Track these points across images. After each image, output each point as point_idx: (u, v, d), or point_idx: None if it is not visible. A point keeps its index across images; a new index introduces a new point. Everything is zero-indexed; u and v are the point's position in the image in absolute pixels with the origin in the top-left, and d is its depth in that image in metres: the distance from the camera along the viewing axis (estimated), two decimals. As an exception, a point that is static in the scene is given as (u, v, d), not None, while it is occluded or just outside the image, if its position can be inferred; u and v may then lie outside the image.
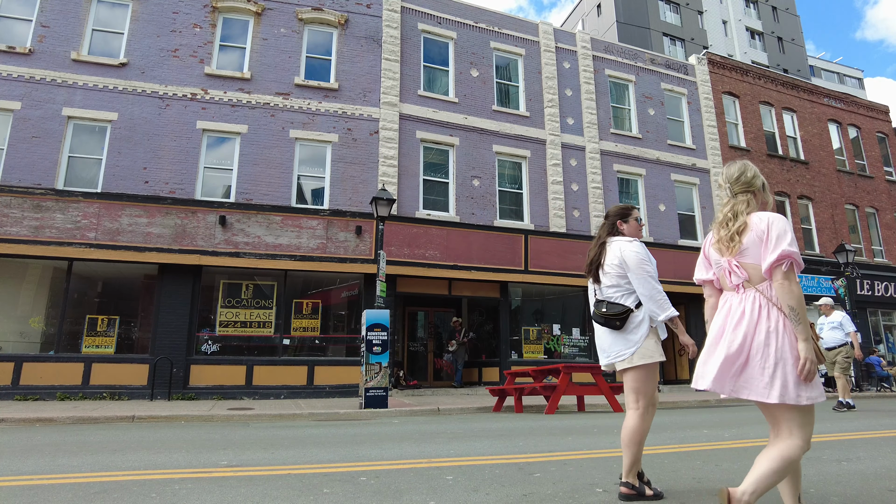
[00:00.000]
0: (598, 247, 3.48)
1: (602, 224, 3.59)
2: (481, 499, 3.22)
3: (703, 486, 3.52)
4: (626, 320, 3.26)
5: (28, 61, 12.87)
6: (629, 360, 3.25)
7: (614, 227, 3.51)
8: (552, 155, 16.82)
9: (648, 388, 3.24)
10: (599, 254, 3.45)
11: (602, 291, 3.40)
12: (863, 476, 3.83)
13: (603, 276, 3.39)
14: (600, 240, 3.51)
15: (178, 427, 7.66)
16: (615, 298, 3.33)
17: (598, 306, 3.37)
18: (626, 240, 3.42)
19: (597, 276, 3.43)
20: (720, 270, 2.60)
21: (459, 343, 15.22)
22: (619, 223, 3.50)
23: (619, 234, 3.49)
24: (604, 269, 3.39)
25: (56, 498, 3.27)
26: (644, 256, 3.32)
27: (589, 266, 3.50)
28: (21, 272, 12.38)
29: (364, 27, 15.53)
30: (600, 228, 3.59)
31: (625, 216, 3.52)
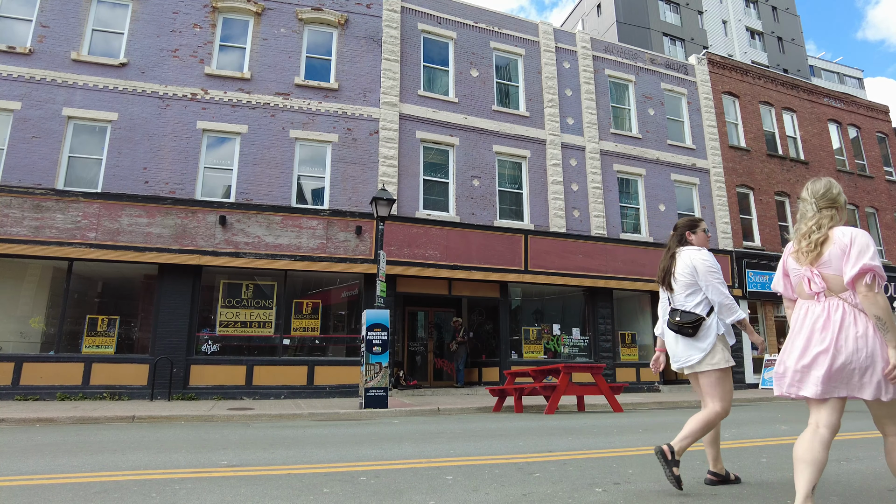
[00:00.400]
0: (669, 257, 3.73)
1: (671, 235, 3.85)
2: (481, 498, 3.22)
3: (703, 487, 3.53)
4: (698, 328, 3.48)
5: (28, 61, 12.87)
6: (699, 365, 3.48)
7: (683, 237, 3.76)
8: (552, 155, 16.82)
9: (721, 391, 3.44)
10: (671, 264, 3.69)
11: (674, 299, 3.64)
12: (862, 476, 3.83)
13: (675, 285, 3.63)
14: (671, 250, 3.76)
15: (178, 427, 7.66)
16: (689, 306, 3.56)
17: (672, 315, 3.58)
18: (694, 249, 3.66)
19: (669, 285, 3.67)
20: (798, 278, 2.75)
21: (459, 342, 15.23)
22: (688, 234, 3.75)
23: (688, 245, 3.72)
24: (675, 277, 3.63)
25: (56, 498, 3.27)
26: (712, 264, 3.56)
27: (661, 275, 3.75)
28: (21, 272, 12.39)
29: (364, 27, 15.53)
30: (669, 240, 3.84)
31: (693, 227, 3.78)
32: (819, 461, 2.48)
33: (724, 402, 3.41)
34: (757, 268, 18.91)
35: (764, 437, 6.13)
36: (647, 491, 3.39)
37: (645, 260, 16.94)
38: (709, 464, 3.58)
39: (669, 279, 3.65)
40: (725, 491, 3.40)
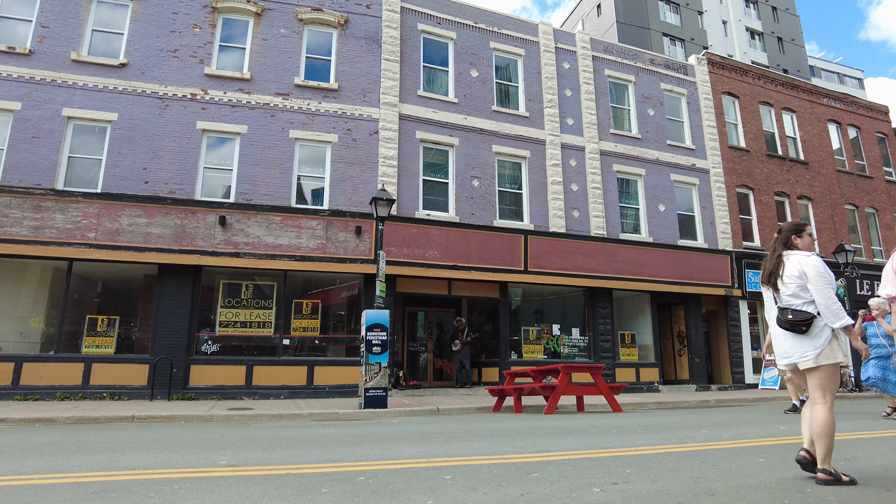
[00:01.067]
0: (776, 259, 3.86)
1: (775, 238, 3.99)
2: (479, 498, 3.23)
3: (701, 486, 3.54)
4: (810, 325, 3.64)
5: (28, 62, 12.88)
6: (814, 361, 3.62)
7: (788, 241, 3.90)
8: (552, 155, 16.83)
9: (832, 385, 3.63)
10: (777, 265, 3.83)
11: (782, 300, 3.79)
12: (860, 476, 3.84)
13: (782, 286, 3.78)
14: (776, 252, 3.89)
15: (177, 427, 7.67)
16: (796, 306, 3.69)
17: (784, 313, 3.73)
18: (804, 254, 3.80)
19: (776, 285, 3.82)
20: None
21: (463, 343, 15.20)
22: (794, 238, 3.89)
23: (793, 248, 3.87)
24: (783, 279, 3.78)
25: (55, 497, 3.28)
26: (822, 269, 3.69)
27: (767, 276, 3.89)
28: (21, 272, 12.40)
29: (364, 27, 15.54)
30: (774, 242, 3.97)
31: (799, 232, 3.92)
32: None
33: (833, 393, 3.63)
34: (757, 268, 18.91)
35: (762, 437, 6.14)
36: (644, 491, 3.40)
37: (645, 260, 16.95)
38: (804, 443, 3.78)
39: (776, 280, 3.82)
40: (723, 488, 3.41)
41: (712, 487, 3.50)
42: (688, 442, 5.69)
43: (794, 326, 3.66)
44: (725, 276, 18.25)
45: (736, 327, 18.30)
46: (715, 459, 4.55)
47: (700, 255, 18.03)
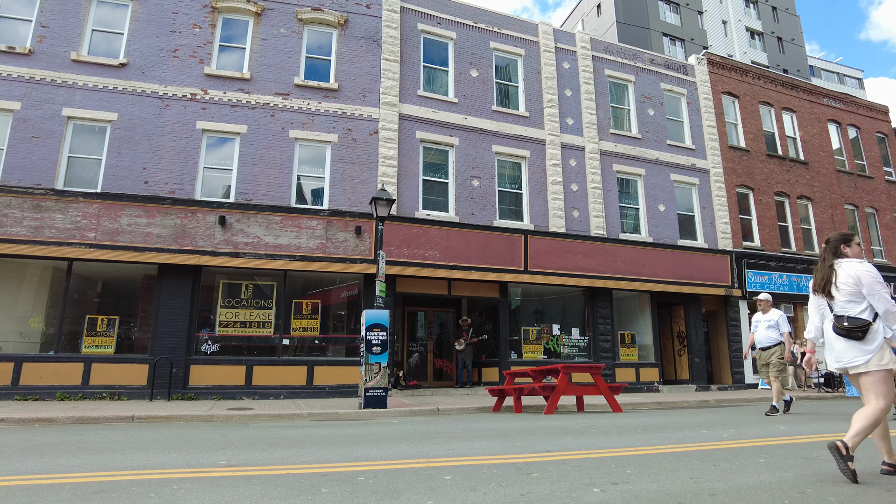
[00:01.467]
0: (828, 268, 4.00)
1: (824, 248, 4.14)
2: (479, 498, 3.23)
3: (701, 486, 3.53)
4: (866, 332, 3.75)
5: (28, 61, 12.88)
6: (865, 366, 3.75)
7: (837, 250, 4.04)
8: (552, 155, 16.83)
9: (885, 388, 3.73)
10: (830, 274, 3.97)
11: (836, 306, 3.91)
12: (860, 476, 3.83)
13: (836, 293, 3.90)
14: (827, 262, 4.03)
15: (177, 427, 7.67)
16: (853, 313, 3.82)
17: (840, 320, 3.85)
18: (857, 261, 3.94)
19: (829, 293, 3.95)
20: None
21: (468, 343, 15.17)
22: (843, 247, 4.03)
23: (843, 257, 4.00)
24: (836, 286, 3.90)
25: (55, 497, 3.28)
26: (876, 275, 3.83)
27: (821, 285, 4.02)
28: (21, 272, 12.39)
29: (364, 27, 15.54)
30: (823, 251, 4.12)
31: (848, 241, 4.06)
32: None
33: (888, 398, 3.70)
34: (756, 268, 18.92)
35: (763, 437, 6.13)
36: (645, 491, 3.39)
37: (645, 260, 16.95)
38: (883, 456, 3.90)
39: (830, 288, 3.94)
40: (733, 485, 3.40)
41: (712, 487, 3.49)
42: (688, 442, 5.69)
43: (850, 333, 3.78)
44: (725, 276, 18.25)
45: (736, 327, 18.30)
46: (715, 459, 4.55)
47: (700, 255, 18.03)
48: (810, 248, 20.74)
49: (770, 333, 9.46)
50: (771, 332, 9.44)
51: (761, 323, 9.59)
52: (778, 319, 9.42)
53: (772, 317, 9.51)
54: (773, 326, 9.43)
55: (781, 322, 9.39)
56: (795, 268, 19.75)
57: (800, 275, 19.69)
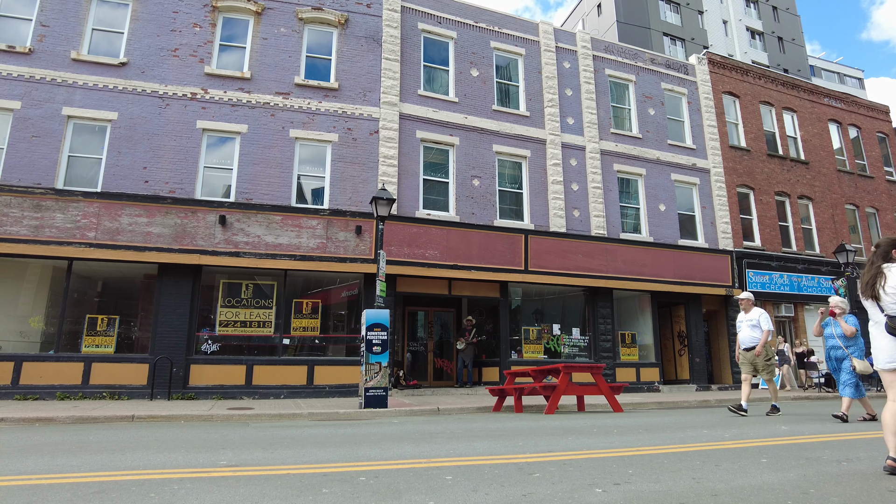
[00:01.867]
0: (875, 270, 4.14)
1: (874, 252, 4.28)
2: (480, 499, 3.21)
3: (703, 487, 3.52)
4: None
5: (28, 61, 12.87)
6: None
7: (888, 254, 4.18)
8: (552, 155, 16.81)
9: None
10: (877, 277, 4.11)
11: (887, 308, 4.05)
12: (863, 477, 3.82)
13: (884, 296, 4.05)
14: (875, 265, 4.18)
15: (177, 427, 7.66)
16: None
17: (893, 321, 4.00)
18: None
19: (876, 294, 4.09)
20: None
21: (469, 342, 15.15)
22: (894, 252, 4.17)
23: (892, 261, 4.15)
24: (885, 290, 4.05)
25: (55, 497, 3.27)
26: None
27: (869, 287, 4.15)
28: (21, 272, 12.38)
29: (364, 27, 15.52)
30: (872, 255, 4.26)
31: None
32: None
33: None
34: (757, 268, 18.90)
35: (764, 437, 6.12)
36: (647, 491, 3.38)
37: (645, 260, 16.93)
38: (889, 451, 3.94)
39: (877, 290, 4.08)
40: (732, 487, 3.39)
41: (715, 488, 3.48)
42: (689, 442, 5.67)
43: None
44: (726, 275, 18.23)
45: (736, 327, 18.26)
46: (717, 460, 4.53)
47: (700, 255, 18.01)
48: (811, 248, 20.72)
49: (753, 333, 9.15)
50: (754, 332, 9.14)
51: (744, 323, 9.30)
52: (759, 318, 9.11)
53: (753, 316, 9.21)
54: (756, 325, 9.13)
55: (763, 320, 9.07)
56: (796, 268, 19.73)
57: (800, 275, 19.68)
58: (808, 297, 19.73)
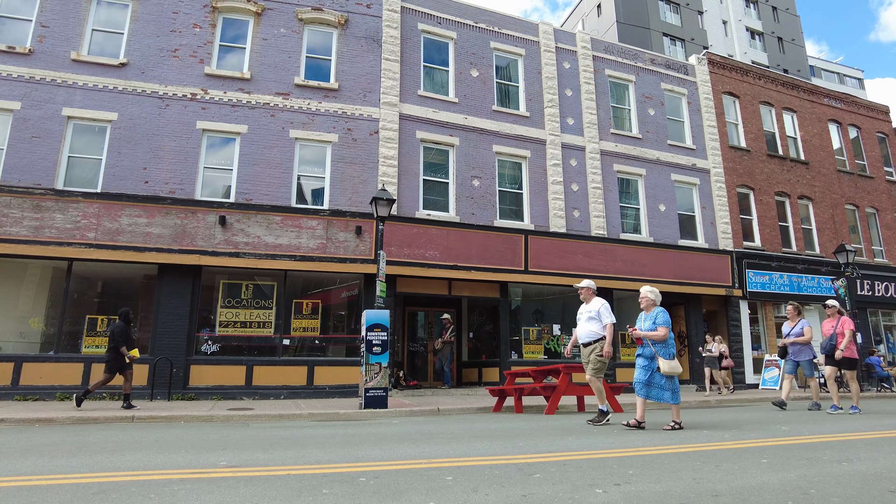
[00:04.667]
0: None
1: None
2: (481, 499, 3.21)
3: (703, 487, 3.51)
4: None
5: (28, 61, 12.87)
6: None
7: None
8: (552, 155, 16.81)
9: None
10: None
11: None
12: (863, 477, 3.82)
13: None
14: None
15: (177, 427, 7.65)
16: None
17: None
18: None
19: None
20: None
21: (445, 342, 15.09)
22: None
23: None
24: None
25: (54, 498, 3.26)
26: None
27: None
28: (21, 272, 12.38)
29: (364, 27, 15.53)
30: None
31: None
32: None
33: None
34: (757, 268, 18.90)
35: (764, 437, 6.11)
36: (647, 492, 3.38)
37: (645, 260, 16.93)
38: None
39: None
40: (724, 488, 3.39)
41: (715, 488, 3.48)
42: (689, 442, 5.67)
43: None
44: (726, 276, 18.23)
45: (736, 327, 18.28)
46: (717, 460, 4.53)
47: (700, 255, 18.01)
48: (811, 249, 20.72)
49: (591, 327, 7.88)
50: (592, 326, 7.88)
51: (583, 315, 8.07)
52: (600, 309, 7.89)
53: (593, 307, 7.98)
54: (595, 318, 7.90)
55: (603, 312, 7.83)
56: (796, 268, 19.73)
57: (800, 275, 19.68)
58: (808, 298, 19.72)
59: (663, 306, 8.73)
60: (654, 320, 7.00)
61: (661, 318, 6.99)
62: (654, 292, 7.24)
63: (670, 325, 7.03)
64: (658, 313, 7.08)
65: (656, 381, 6.92)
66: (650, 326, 7.01)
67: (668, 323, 6.98)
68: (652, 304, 7.25)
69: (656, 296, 7.24)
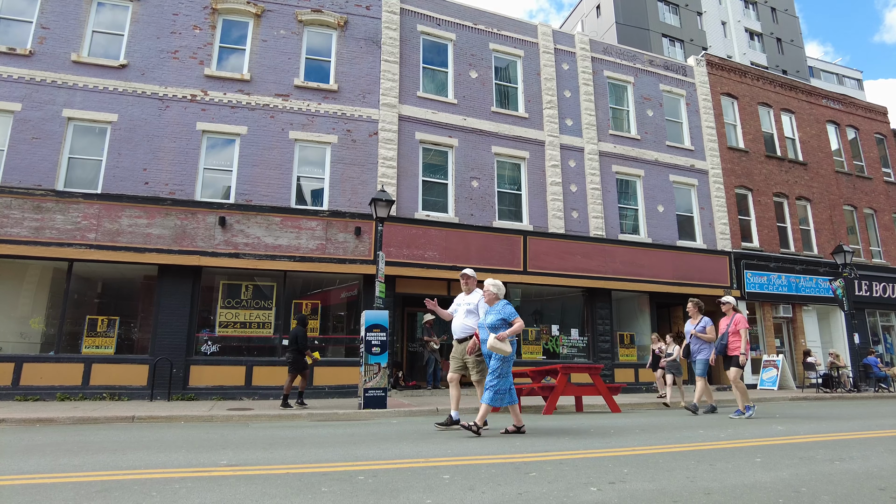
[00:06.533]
0: None
1: None
2: (477, 497, 3.26)
3: (697, 486, 3.57)
4: None
5: (28, 63, 12.91)
6: None
7: None
8: (551, 156, 16.86)
9: None
10: None
11: None
12: (854, 475, 3.87)
13: None
14: None
15: (177, 427, 7.70)
16: None
17: None
18: None
19: None
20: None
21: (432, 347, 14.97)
22: None
23: None
24: None
25: (58, 496, 3.31)
26: None
27: None
28: (21, 273, 12.42)
29: (363, 29, 15.58)
30: None
31: None
32: None
33: None
34: (755, 268, 18.95)
35: (759, 437, 6.17)
36: (641, 490, 3.43)
37: (644, 261, 16.98)
38: None
39: None
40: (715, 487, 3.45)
41: (708, 487, 3.53)
42: (685, 442, 5.72)
43: None
44: (724, 276, 18.28)
45: (735, 328, 18.29)
46: (712, 459, 4.58)
47: (699, 256, 18.06)
48: (809, 249, 20.77)
49: (468, 321, 6.84)
50: (469, 320, 6.83)
51: (461, 307, 7.03)
52: (478, 302, 6.83)
53: (472, 300, 6.96)
54: (474, 312, 6.85)
55: (482, 307, 6.74)
56: (794, 268, 19.78)
57: (798, 275, 19.73)
58: (806, 298, 19.78)
59: (738, 310, 8.87)
60: (502, 314, 6.29)
61: (509, 311, 6.32)
62: (496, 285, 6.57)
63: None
64: (504, 305, 6.41)
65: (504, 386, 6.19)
66: (496, 321, 6.25)
67: (516, 314, 6.37)
68: (495, 298, 6.50)
69: (499, 289, 6.56)
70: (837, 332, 20.46)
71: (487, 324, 6.40)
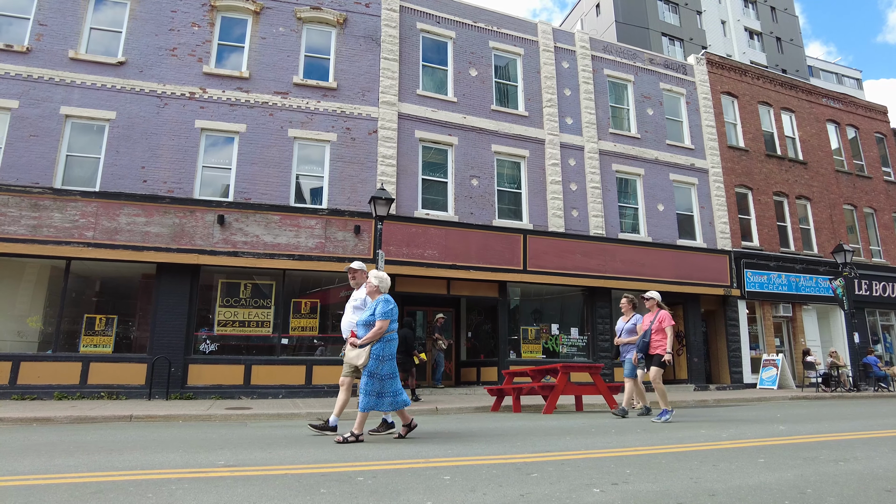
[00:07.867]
0: None
1: None
2: (478, 499, 3.21)
3: (700, 487, 3.52)
4: None
5: (26, 60, 12.84)
6: None
7: None
8: (551, 155, 16.82)
9: None
10: None
11: None
12: (860, 476, 3.83)
13: None
14: None
15: (175, 427, 7.65)
16: None
17: None
18: None
19: None
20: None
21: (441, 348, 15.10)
22: None
23: None
24: None
25: (52, 498, 3.26)
26: None
27: None
28: (19, 271, 12.36)
29: (363, 26, 15.51)
30: None
31: None
32: None
33: None
34: (755, 268, 18.93)
35: (762, 437, 6.13)
36: (644, 491, 3.38)
37: (644, 260, 16.95)
38: None
39: None
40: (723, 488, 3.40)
41: (712, 488, 3.49)
42: (687, 442, 5.68)
43: None
44: (724, 275, 18.26)
45: (734, 327, 18.31)
46: (714, 459, 4.54)
47: (699, 255, 18.03)
48: (809, 248, 20.75)
49: (355, 318, 6.08)
50: (356, 317, 6.06)
51: (349, 303, 6.43)
52: (365, 297, 6.21)
53: (360, 294, 6.33)
54: (360, 307, 6.23)
55: (368, 301, 6.10)
56: (794, 268, 19.76)
57: (798, 275, 19.71)
58: (806, 297, 19.77)
59: (663, 306, 8.55)
60: (373, 311, 5.69)
61: (382, 309, 5.65)
62: (378, 277, 5.92)
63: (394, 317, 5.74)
64: (383, 301, 5.73)
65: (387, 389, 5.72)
66: (369, 318, 5.70)
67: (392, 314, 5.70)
68: (375, 291, 5.90)
69: (381, 281, 5.92)
70: (837, 332, 20.45)
71: (362, 321, 5.75)
